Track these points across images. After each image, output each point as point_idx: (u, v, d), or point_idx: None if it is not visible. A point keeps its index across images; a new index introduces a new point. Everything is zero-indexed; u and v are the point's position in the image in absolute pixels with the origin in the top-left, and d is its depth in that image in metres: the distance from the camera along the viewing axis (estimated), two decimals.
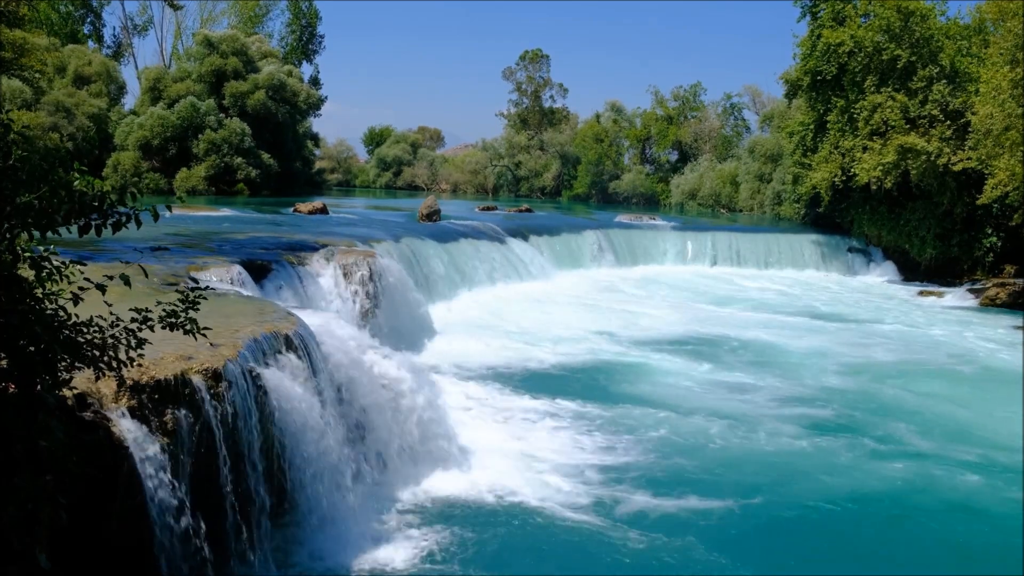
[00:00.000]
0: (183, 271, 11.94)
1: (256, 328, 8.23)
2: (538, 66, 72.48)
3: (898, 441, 11.94)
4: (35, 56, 30.19)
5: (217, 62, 46.78)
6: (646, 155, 66.27)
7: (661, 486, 9.79)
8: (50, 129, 38.95)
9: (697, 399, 13.74)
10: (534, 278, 25.22)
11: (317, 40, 66.66)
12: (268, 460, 7.49)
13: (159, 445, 6.11)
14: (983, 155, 26.09)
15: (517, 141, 71.34)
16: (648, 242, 32.84)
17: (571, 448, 10.99)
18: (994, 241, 29.76)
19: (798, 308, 24.34)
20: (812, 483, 10.27)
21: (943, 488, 10.24)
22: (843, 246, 33.82)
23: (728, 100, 63.19)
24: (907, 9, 29.85)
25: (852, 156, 30.97)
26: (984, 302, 26.59)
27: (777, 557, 8.42)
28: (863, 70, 30.61)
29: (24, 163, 4.28)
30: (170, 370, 6.53)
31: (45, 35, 44.88)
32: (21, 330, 4.22)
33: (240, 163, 44.60)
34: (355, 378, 9.47)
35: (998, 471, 10.79)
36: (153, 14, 63.26)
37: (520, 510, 8.99)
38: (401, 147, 76.41)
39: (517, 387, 13.83)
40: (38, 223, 4.33)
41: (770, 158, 47.85)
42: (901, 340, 19.82)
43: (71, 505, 4.46)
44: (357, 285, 15.27)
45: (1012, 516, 9.40)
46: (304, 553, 7.63)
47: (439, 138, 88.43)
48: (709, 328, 20.10)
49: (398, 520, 8.61)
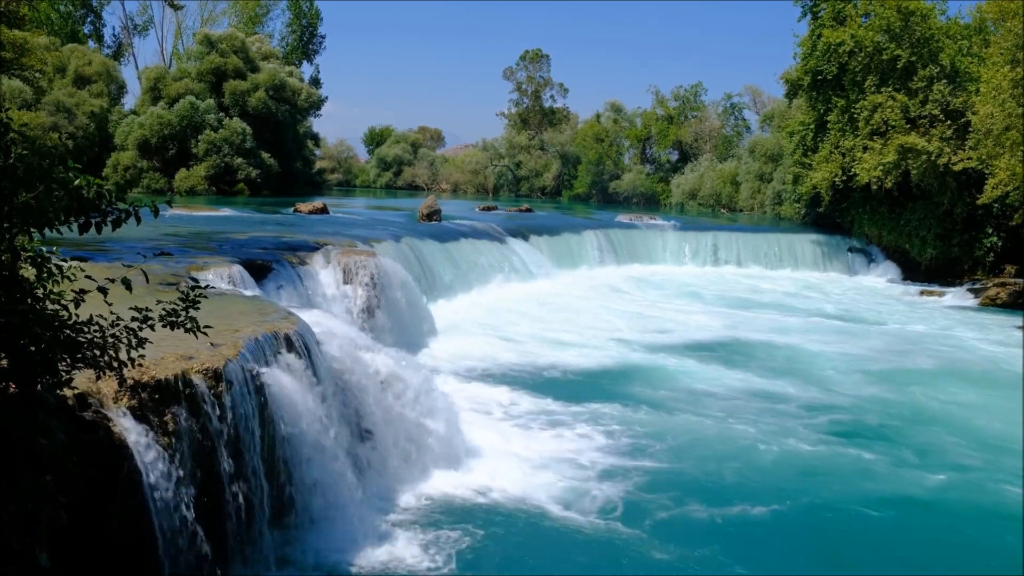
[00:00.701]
0: (183, 271, 11.93)
1: (256, 328, 8.23)
2: (538, 66, 72.49)
3: (933, 449, 11.64)
4: (35, 56, 30.19)
5: (217, 61, 46.77)
6: (646, 155, 66.25)
7: (666, 488, 9.77)
8: (50, 129, 38.95)
9: (702, 400, 13.71)
10: (535, 278, 25.22)
11: (318, 40, 66.74)
12: (268, 460, 7.49)
13: (159, 445, 6.10)
14: (983, 155, 26.08)
15: (517, 141, 71.35)
16: (648, 242, 32.86)
17: (574, 449, 10.97)
18: (994, 241, 29.74)
19: (800, 308, 24.33)
20: (836, 490, 10.11)
21: (982, 494, 10.03)
22: (843, 246, 33.82)
23: (728, 100, 63.22)
24: (907, 9, 29.83)
25: (852, 156, 30.96)
26: (984, 302, 26.59)
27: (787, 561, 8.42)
28: (863, 70, 30.60)
29: (22, 161, 4.27)
30: (171, 370, 6.53)
31: (45, 35, 44.92)
32: (22, 330, 4.21)
33: (240, 163, 44.59)
34: (355, 378, 9.46)
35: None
36: (153, 14, 63.50)
37: (521, 510, 8.97)
38: (401, 147, 76.42)
39: (518, 387, 13.81)
40: (37, 222, 4.32)
41: (770, 158, 47.83)
42: (907, 340, 19.82)
43: (71, 505, 4.46)
44: (358, 285, 15.26)
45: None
46: (305, 553, 7.63)
47: (439, 138, 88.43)
48: (711, 327, 20.10)
49: (399, 520, 8.60)
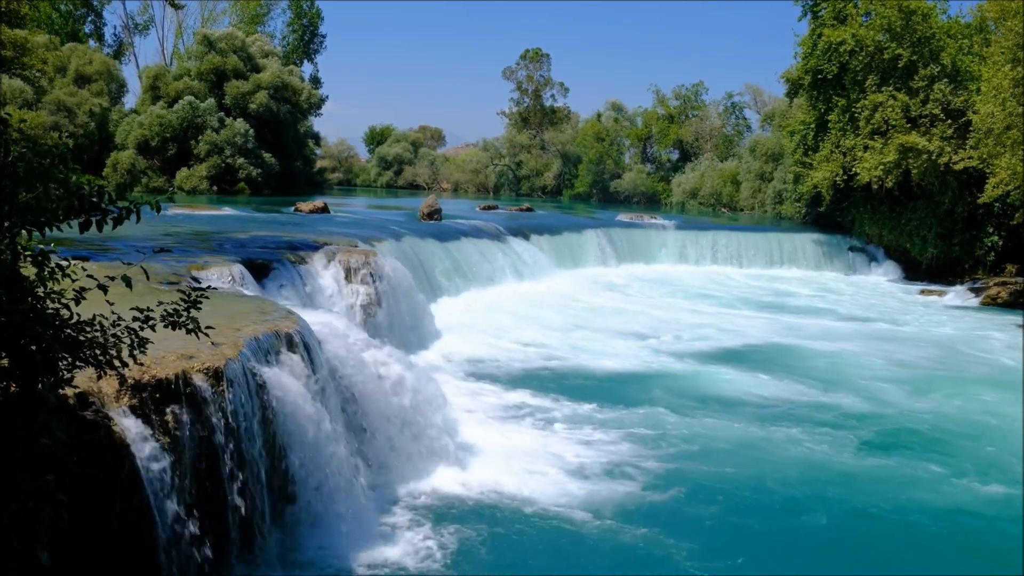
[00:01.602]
0: (184, 270, 11.92)
1: (257, 327, 8.22)
2: (539, 65, 72.42)
3: (961, 455, 11.41)
4: (36, 55, 30.17)
5: (217, 61, 46.74)
6: (647, 154, 66.24)
7: (667, 487, 9.76)
8: (51, 128, 38.95)
9: (705, 401, 13.68)
10: (535, 277, 25.22)
11: (318, 40, 66.68)
12: (269, 459, 7.49)
13: (160, 444, 6.10)
14: (984, 154, 26.05)
15: (518, 140, 71.32)
16: (649, 241, 32.87)
17: (575, 448, 10.96)
18: (995, 240, 29.72)
19: (801, 307, 24.33)
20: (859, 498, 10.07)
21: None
22: (844, 245, 33.82)
23: (729, 99, 63.22)
24: (908, 8, 29.81)
25: (853, 155, 30.94)
26: (985, 301, 26.58)
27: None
28: (864, 69, 30.58)
29: (23, 160, 4.26)
30: (171, 369, 6.52)
31: (45, 34, 44.89)
32: (22, 329, 4.21)
33: (241, 163, 44.59)
34: (356, 377, 9.46)
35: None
36: (154, 13, 63.03)
37: (522, 510, 8.97)
38: (402, 146, 76.39)
39: (519, 386, 13.80)
40: (37, 220, 4.31)
41: (771, 157, 47.81)
42: (915, 339, 19.85)
43: (72, 505, 4.45)
44: (358, 284, 15.26)
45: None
46: (306, 551, 7.62)
47: (440, 137, 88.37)
48: (713, 327, 20.09)
49: (399, 518, 8.60)
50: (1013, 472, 10.74)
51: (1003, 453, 11.56)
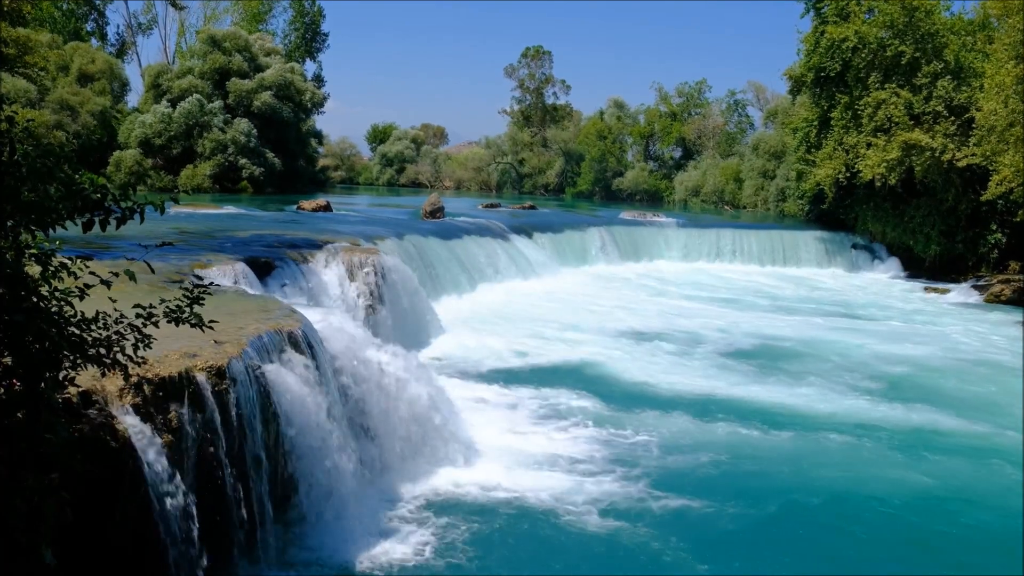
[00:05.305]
0: (187, 268, 11.93)
1: (260, 325, 8.23)
2: (540, 63, 72.45)
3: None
4: (39, 54, 30.21)
5: (220, 59, 46.77)
6: (649, 152, 66.20)
7: (668, 485, 9.76)
8: (54, 127, 39.00)
9: (710, 400, 13.65)
10: (538, 275, 25.22)
11: (320, 38, 66.64)
12: (272, 457, 7.50)
13: (163, 442, 6.12)
14: (987, 151, 25.99)
15: (520, 138, 71.33)
16: (652, 239, 32.84)
17: (577, 448, 10.96)
18: (999, 238, 29.66)
19: (805, 305, 24.30)
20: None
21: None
22: (847, 243, 33.78)
23: (732, 97, 63.14)
24: (911, 5, 29.73)
25: (856, 153, 30.88)
26: (989, 298, 26.56)
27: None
28: (867, 66, 30.52)
29: (26, 159, 4.27)
30: (174, 367, 6.54)
31: (48, 32, 44.94)
32: (26, 327, 4.22)
33: (245, 162, 44.66)
34: (359, 375, 9.47)
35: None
36: (157, 12, 63.05)
37: (524, 508, 8.98)
38: (404, 144, 76.40)
39: (521, 384, 13.79)
40: (40, 219, 4.32)
41: (774, 155, 47.76)
42: (921, 337, 19.86)
43: (75, 503, 4.47)
44: (361, 282, 15.26)
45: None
46: (308, 550, 7.64)
47: (442, 135, 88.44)
48: (715, 326, 20.08)
49: (402, 517, 8.61)
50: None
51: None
